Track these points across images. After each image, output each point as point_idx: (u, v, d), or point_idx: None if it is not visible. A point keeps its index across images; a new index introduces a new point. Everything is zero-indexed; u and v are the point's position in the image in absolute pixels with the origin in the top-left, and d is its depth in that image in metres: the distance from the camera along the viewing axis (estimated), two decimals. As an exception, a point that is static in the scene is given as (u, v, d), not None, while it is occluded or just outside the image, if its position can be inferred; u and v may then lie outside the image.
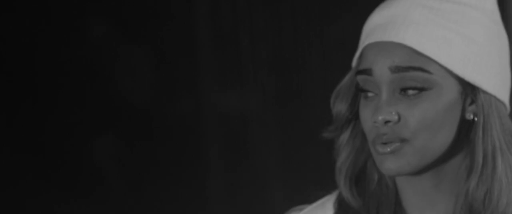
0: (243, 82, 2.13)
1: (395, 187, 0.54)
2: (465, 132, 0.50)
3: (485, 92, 0.49)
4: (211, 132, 2.13)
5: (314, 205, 0.58)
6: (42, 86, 2.04)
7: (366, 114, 0.50)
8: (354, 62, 0.53)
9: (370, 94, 0.50)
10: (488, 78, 0.49)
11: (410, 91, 0.48)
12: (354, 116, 0.53)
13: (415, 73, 0.48)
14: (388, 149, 0.48)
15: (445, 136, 0.49)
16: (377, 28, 0.50)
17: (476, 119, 0.50)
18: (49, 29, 2.01)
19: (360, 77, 0.51)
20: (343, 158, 0.54)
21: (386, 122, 0.48)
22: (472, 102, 0.50)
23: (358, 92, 0.52)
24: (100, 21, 2.09)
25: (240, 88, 2.15)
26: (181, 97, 2.14)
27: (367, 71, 0.50)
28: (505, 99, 0.51)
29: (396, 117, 0.48)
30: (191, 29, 2.11)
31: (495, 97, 0.50)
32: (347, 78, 0.54)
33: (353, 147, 0.54)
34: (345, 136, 0.54)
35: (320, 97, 2.43)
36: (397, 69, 0.48)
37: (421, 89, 0.48)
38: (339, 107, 0.54)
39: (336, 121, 0.54)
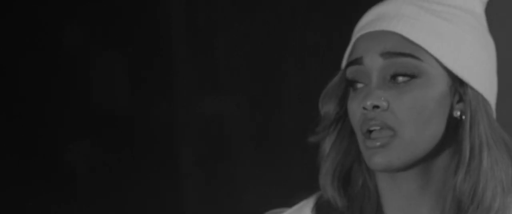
0: (219, 87, 2.14)
1: (377, 192, 0.54)
2: (453, 130, 0.51)
3: (473, 89, 0.49)
4: (188, 136, 2.12)
5: (291, 210, 0.58)
6: (18, 94, 2.02)
7: (355, 105, 0.50)
8: (344, 61, 0.53)
9: (359, 85, 0.50)
10: (476, 76, 0.50)
11: (400, 79, 0.48)
12: (342, 116, 0.53)
13: (405, 59, 0.48)
14: (378, 143, 0.48)
15: (434, 130, 0.49)
16: (368, 23, 0.51)
17: (463, 117, 0.50)
18: (25, 37, 1.99)
19: (350, 69, 0.51)
20: (331, 160, 0.54)
21: (375, 107, 0.48)
22: (460, 100, 0.50)
23: (348, 88, 0.52)
24: (76, 28, 2.07)
25: (216, 94, 2.15)
26: (158, 103, 2.13)
27: (358, 61, 0.50)
28: (492, 101, 0.52)
29: (385, 103, 0.48)
30: (167, 34, 2.11)
31: (482, 95, 0.50)
32: (336, 78, 0.54)
33: (340, 148, 0.54)
34: (332, 137, 0.54)
35: (296, 102, 2.46)
36: (388, 55, 0.48)
37: (411, 76, 0.48)
38: (327, 106, 0.54)
39: (324, 120, 0.54)
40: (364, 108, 0.48)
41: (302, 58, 2.39)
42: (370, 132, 0.48)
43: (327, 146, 0.54)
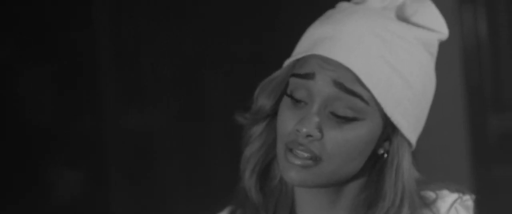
0: (145, 101, 2.15)
1: (293, 190, 0.54)
2: (372, 163, 0.51)
3: (402, 135, 0.49)
4: (114, 150, 2.13)
5: None
6: None
7: (288, 118, 0.49)
8: (289, 62, 0.51)
9: (299, 97, 0.49)
10: (409, 124, 0.49)
11: (342, 115, 0.47)
12: (274, 113, 0.52)
13: (354, 99, 0.47)
14: (299, 162, 0.47)
15: (356, 165, 0.49)
16: (326, 40, 0.48)
17: (385, 155, 0.50)
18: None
19: (296, 80, 0.49)
20: (254, 150, 0.53)
21: (308, 136, 0.47)
22: (386, 139, 0.50)
23: (286, 89, 0.50)
24: (1, 43, 2.08)
25: (143, 107, 2.16)
26: (84, 117, 2.14)
27: (310, 76, 0.48)
28: (414, 141, 0.52)
29: (319, 134, 0.47)
30: (93, 49, 2.11)
31: (408, 141, 0.50)
32: (279, 75, 0.52)
33: (265, 141, 0.53)
34: (259, 128, 0.53)
35: (222, 115, 2.47)
36: (340, 87, 0.47)
37: (352, 119, 0.47)
38: (264, 101, 0.52)
39: (257, 113, 0.53)
40: (297, 131, 0.47)
41: (229, 71, 2.41)
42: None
43: (253, 135, 0.53)
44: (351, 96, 0.47)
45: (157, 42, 2.15)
